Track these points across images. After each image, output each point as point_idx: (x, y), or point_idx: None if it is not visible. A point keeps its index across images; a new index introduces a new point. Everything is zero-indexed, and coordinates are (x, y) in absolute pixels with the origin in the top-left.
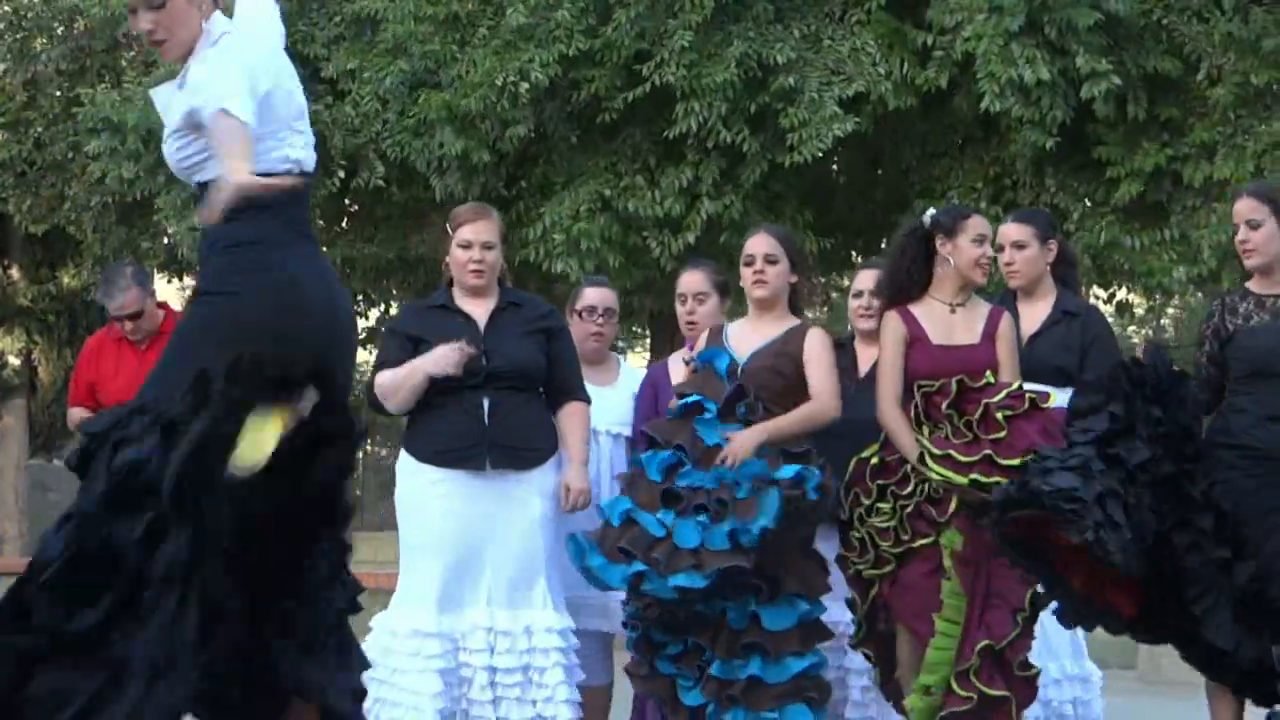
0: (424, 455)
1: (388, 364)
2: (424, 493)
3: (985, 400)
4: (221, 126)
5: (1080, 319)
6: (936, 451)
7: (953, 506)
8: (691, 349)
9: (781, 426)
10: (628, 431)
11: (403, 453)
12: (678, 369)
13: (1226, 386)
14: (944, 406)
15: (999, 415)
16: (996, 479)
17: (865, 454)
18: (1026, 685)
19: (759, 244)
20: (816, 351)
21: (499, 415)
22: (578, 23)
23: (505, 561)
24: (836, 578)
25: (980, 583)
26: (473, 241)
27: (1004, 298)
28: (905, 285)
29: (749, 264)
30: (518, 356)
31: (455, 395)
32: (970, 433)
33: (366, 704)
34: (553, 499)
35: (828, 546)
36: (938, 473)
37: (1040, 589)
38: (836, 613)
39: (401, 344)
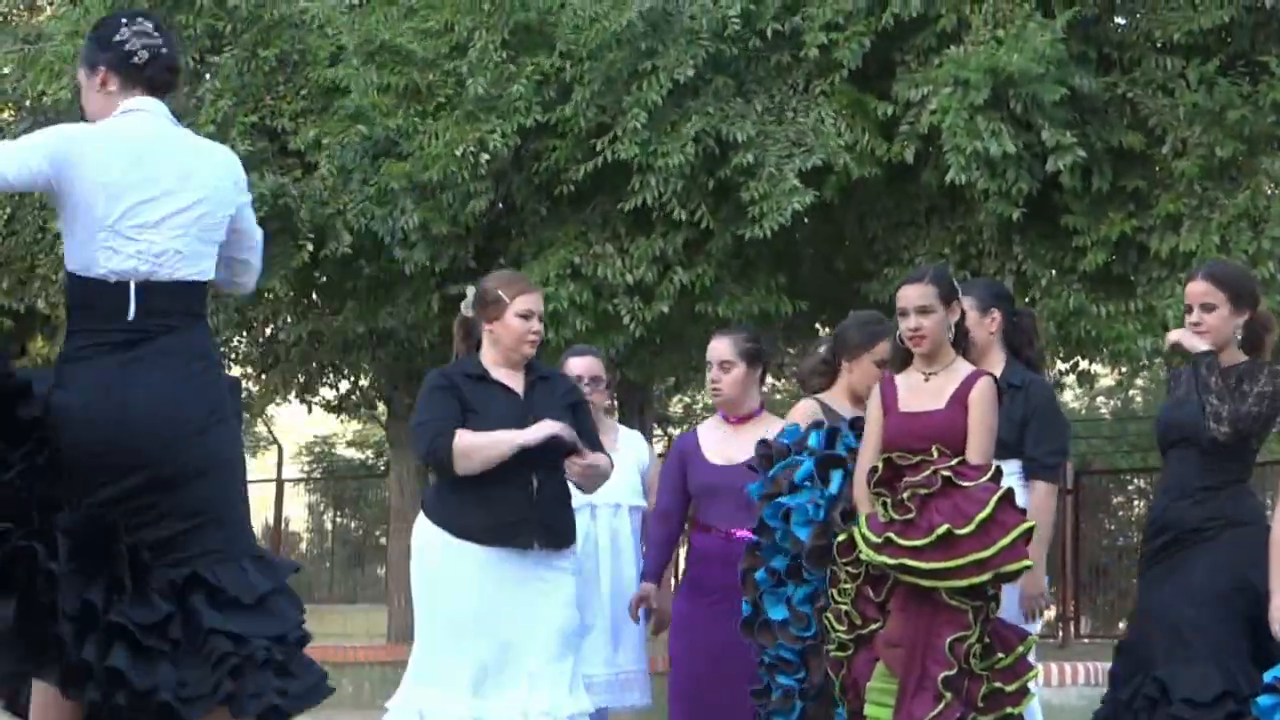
0: (468, 532)
1: (441, 421)
2: (464, 570)
3: (906, 479)
4: None
5: (1024, 391)
6: (874, 537)
7: (887, 586)
8: (726, 418)
9: None
10: (632, 503)
11: (431, 528)
12: (709, 438)
13: None
14: (872, 485)
15: (904, 494)
16: (901, 560)
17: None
18: None
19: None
20: None
21: (545, 493)
22: (535, 94)
23: (543, 643)
24: None
25: (915, 666)
26: (533, 312)
27: None
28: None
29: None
30: (567, 440)
31: (502, 472)
32: (904, 513)
33: None
34: (577, 579)
35: None
36: (868, 556)
37: (952, 672)
38: None
39: (452, 403)
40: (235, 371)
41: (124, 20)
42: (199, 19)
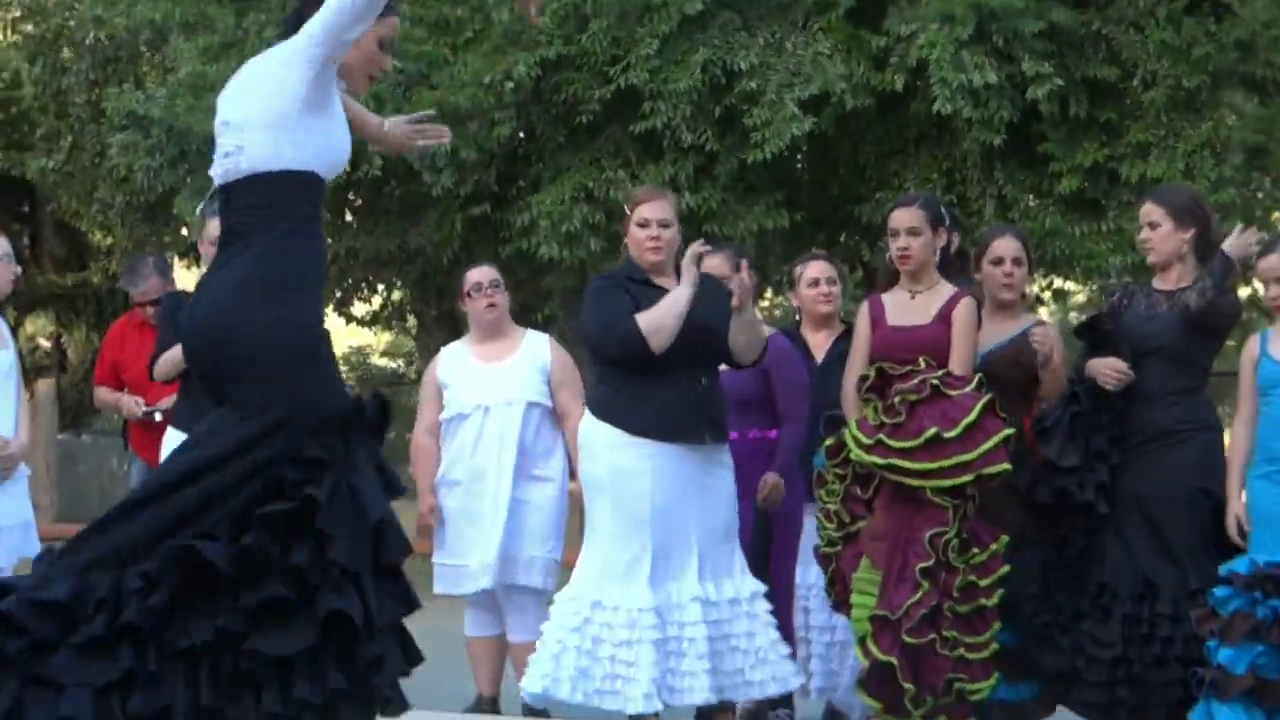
0: (644, 429)
1: (621, 317)
2: (639, 467)
3: (896, 386)
4: None
5: None
6: (865, 439)
7: (874, 485)
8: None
9: None
10: (531, 399)
11: (603, 427)
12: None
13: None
14: (862, 391)
15: (895, 399)
16: (892, 460)
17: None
18: (925, 654)
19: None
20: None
21: (710, 392)
22: (557, 29)
23: (711, 533)
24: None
25: (897, 558)
26: (650, 220)
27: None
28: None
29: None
30: (726, 337)
31: (670, 371)
32: (894, 416)
33: (574, 672)
34: (733, 472)
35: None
36: (858, 457)
37: (930, 563)
38: (799, 574)
39: (623, 297)
40: None
41: None
42: None
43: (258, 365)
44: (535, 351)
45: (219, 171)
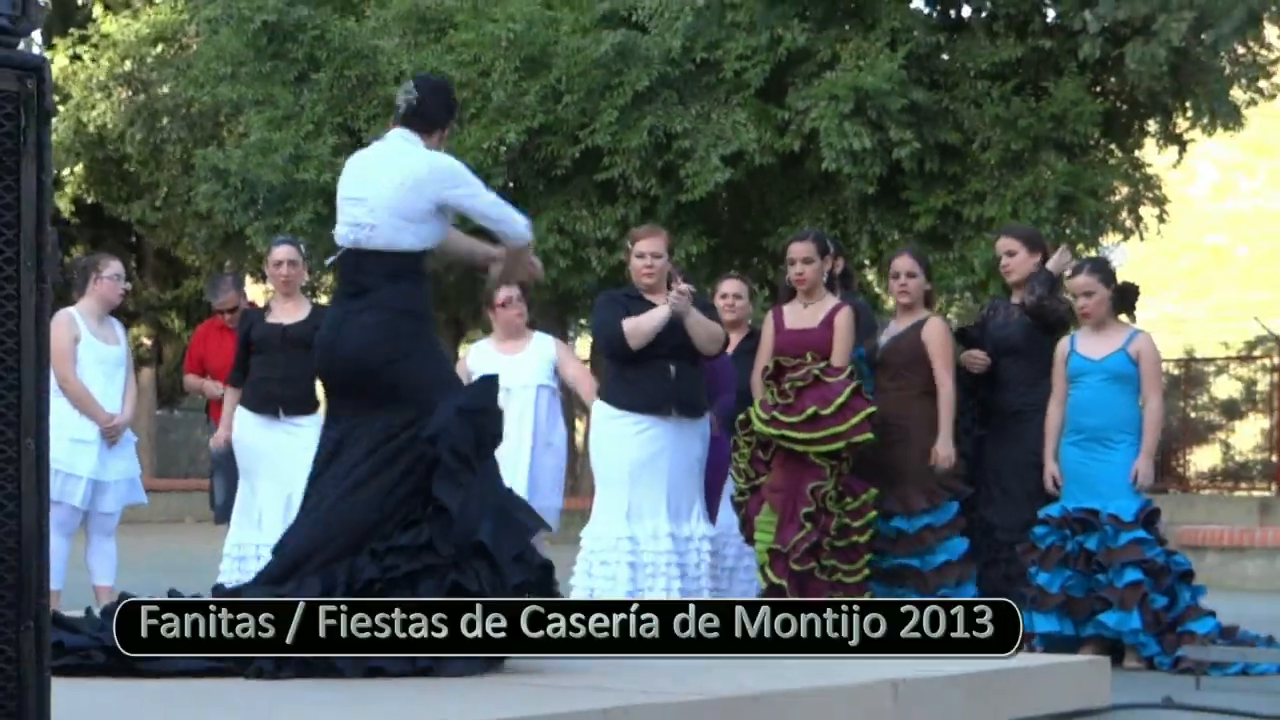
0: (624, 404)
1: (612, 322)
2: (621, 433)
3: (789, 375)
4: None
5: None
6: (764, 415)
7: (772, 449)
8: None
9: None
10: (540, 383)
11: (602, 405)
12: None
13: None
14: (764, 379)
15: (786, 385)
16: (783, 431)
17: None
18: (807, 578)
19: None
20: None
21: (682, 377)
22: (540, 105)
23: (678, 485)
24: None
25: (788, 505)
26: (645, 252)
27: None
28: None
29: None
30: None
31: (649, 361)
32: (785, 398)
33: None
34: (706, 441)
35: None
36: (759, 428)
37: (811, 509)
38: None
39: (619, 309)
40: (323, 300)
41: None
42: (304, 49)
43: (401, 389)
44: (543, 347)
45: (349, 237)
